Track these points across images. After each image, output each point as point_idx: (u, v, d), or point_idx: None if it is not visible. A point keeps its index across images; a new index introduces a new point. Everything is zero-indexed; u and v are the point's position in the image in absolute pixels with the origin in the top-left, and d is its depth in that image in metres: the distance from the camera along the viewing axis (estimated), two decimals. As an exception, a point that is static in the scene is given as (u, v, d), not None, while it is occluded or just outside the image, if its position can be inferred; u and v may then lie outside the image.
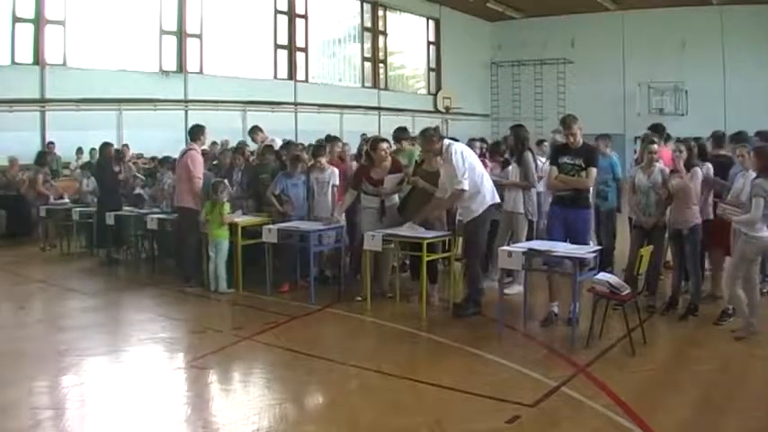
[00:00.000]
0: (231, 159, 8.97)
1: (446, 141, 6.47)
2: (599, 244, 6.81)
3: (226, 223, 7.41)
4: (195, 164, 7.70)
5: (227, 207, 7.44)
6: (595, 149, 6.67)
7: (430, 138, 6.52)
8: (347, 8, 19.71)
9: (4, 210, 11.60)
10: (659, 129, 8.11)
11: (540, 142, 8.86)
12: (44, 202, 10.86)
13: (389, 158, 7.16)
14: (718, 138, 7.35)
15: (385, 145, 7.15)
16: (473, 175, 6.35)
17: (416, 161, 7.45)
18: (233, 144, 11.36)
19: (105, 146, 9.94)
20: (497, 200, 6.59)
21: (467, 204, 6.43)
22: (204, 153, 8.64)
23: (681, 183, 6.07)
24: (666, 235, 6.42)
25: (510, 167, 7.61)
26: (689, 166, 6.14)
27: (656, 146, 6.44)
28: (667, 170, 6.35)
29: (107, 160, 9.88)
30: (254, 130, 9.99)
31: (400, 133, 8.08)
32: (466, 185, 6.25)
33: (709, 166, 6.53)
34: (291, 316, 6.55)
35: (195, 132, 8.04)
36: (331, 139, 8.73)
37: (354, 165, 8.14)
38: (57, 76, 12.75)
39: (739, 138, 6.87)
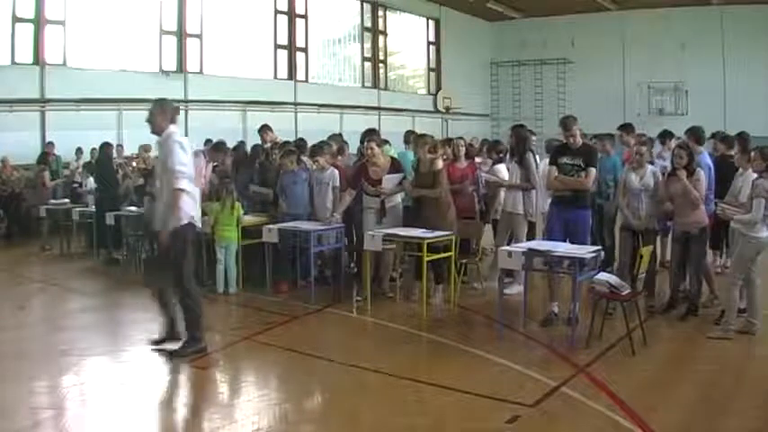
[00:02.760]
0: (240, 157, 8.91)
1: (170, 129, 5.24)
2: (601, 243, 6.79)
3: (242, 224, 7.43)
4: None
5: (240, 208, 7.46)
6: (595, 150, 6.65)
7: (159, 109, 5.25)
8: (347, 8, 19.70)
9: (1, 210, 11.58)
10: (628, 128, 8.12)
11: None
12: (44, 201, 10.86)
13: (387, 158, 7.15)
14: (726, 139, 7.45)
15: (374, 143, 7.14)
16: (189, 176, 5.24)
17: (413, 166, 7.39)
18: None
19: (105, 146, 9.96)
20: (197, 223, 5.43)
21: (165, 211, 5.20)
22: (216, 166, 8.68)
23: (682, 187, 5.97)
24: (669, 236, 6.40)
25: (499, 165, 7.62)
26: (690, 169, 6.05)
27: (644, 147, 6.34)
28: (659, 172, 6.29)
29: (107, 160, 9.90)
30: (264, 129, 9.98)
31: (368, 135, 7.71)
32: (183, 184, 5.09)
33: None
34: (291, 316, 6.55)
35: (217, 149, 8.02)
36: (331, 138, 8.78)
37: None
38: (57, 76, 12.73)
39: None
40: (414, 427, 4.07)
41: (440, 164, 6.96)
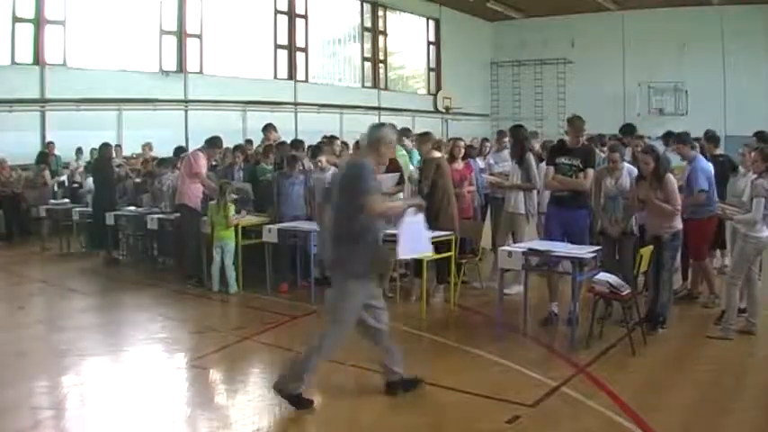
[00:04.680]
0: (231, 159, 8.98)
1: None
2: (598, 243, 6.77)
3: (232, 225, 7.41)
4: (198, 161, 7.75)
5: (232, 208, 7.45)
6: (593, 150, 6.63)
7: None
8: (347, 8, 19.69)
9: (1, 210, 11.56)
10: (629, 130, 8.08)
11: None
12: (45, 201, 10.87)
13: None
14: (713, 138, 7.41)
15: None
16: None
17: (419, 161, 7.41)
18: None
19: (104, 146, 9.98)
20: None
21: None
22: (215, 165, 8.74)
23: (649, 195, 5.75)
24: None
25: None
26: (658, 177, 5.74)
27: (617, 154, 6.13)
28: (635, 170, 6.09)
29: (105, 161, 9.91)
30: (268, 129, 9.98)
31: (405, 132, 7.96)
32: None
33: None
34: (291, 316, 6.55)
35: (212, 143, 8.07)
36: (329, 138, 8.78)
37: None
38: (57, 76, 12.73)
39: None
40: (414, 427, 4.07)
41: (436, 154, 6.98)
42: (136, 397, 4.61)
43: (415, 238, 4.59)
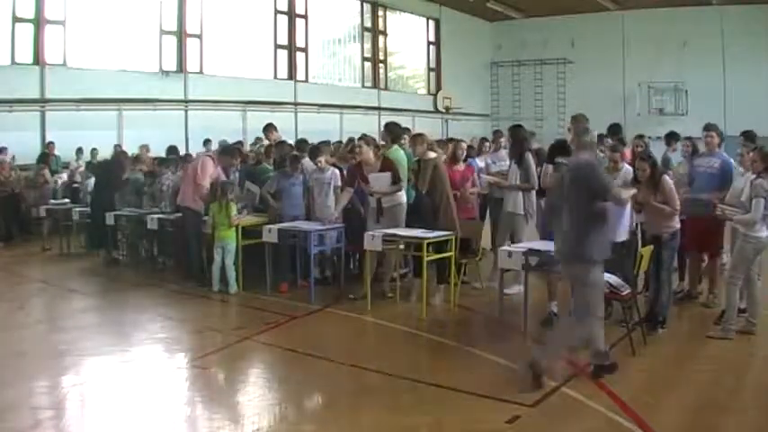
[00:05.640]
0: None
1: None
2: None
3: (234, 225, 7.41)
4: (204, 170, 7.74)
5: (234, 208, 7.45)
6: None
7: None
8: (347, 8, 19.70)
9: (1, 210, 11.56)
10: (616, 130, 8.04)
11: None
12: (45, 201, 10.87)
13: (375, 157, 7.11)
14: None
15: (362, 143, 7.15)
16: None
17: (416, 161, 7.40)
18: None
19: (117, 149, 10.03)
20: None
21: None
22: None
23: (648, 199, 5.73)
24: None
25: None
26: (655, 181, 5.73)
27: (618, 154, 6.16)
28: (631, 170, 6.08)
29: (117, 163, 9.91)
30: (269, 128, 9.97)
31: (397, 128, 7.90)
32: None
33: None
34: (291, 316, 6.55)
35: (226, 153, 8.07)
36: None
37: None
38: (57, 76, 12.73)
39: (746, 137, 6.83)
40: (414, 427, 4.07)
41: (432, 154, 6.97)
42: (136, 397, 4.61)
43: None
